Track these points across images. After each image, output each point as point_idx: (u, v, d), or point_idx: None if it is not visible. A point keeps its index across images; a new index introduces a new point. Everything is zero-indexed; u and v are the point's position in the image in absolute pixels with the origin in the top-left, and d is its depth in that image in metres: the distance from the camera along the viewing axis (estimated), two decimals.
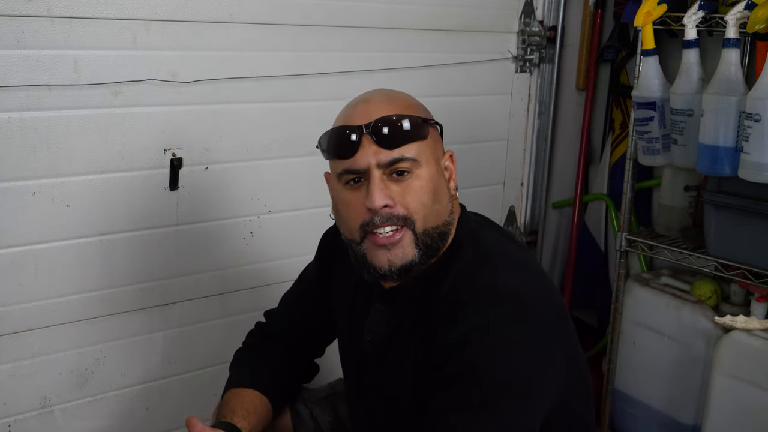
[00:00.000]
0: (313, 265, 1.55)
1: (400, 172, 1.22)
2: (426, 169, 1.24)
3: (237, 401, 1.43)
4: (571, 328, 1.29)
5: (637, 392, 2.25)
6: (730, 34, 1.82)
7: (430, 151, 1.25)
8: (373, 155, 1.22)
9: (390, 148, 1.21)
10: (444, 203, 1.26)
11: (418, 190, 1.22)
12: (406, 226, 1.22)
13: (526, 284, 1.22)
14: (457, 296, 1.20)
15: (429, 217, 1.24)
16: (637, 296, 2.22)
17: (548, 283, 1.30)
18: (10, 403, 1.77)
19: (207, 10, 1.85)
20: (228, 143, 1.96)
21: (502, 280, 1.20)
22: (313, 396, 1.62)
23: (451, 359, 1.17)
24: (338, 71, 2.09)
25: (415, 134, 1.23)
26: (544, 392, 1.20)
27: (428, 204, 1.23)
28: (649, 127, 2.08)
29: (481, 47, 2.40)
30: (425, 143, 1.24)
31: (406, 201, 1.22)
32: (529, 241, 2.69)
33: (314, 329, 1.54)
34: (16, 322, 1.74)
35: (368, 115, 1.23)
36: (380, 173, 1.22)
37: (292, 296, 1.59)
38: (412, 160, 1.22)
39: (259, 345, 1.57)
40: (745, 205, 1.90)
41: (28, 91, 1.65)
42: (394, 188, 1.22)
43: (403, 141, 1.22)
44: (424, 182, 1.23)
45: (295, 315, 1.56)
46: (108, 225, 1.82)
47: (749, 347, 1.90)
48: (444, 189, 1.27)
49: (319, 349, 1.60)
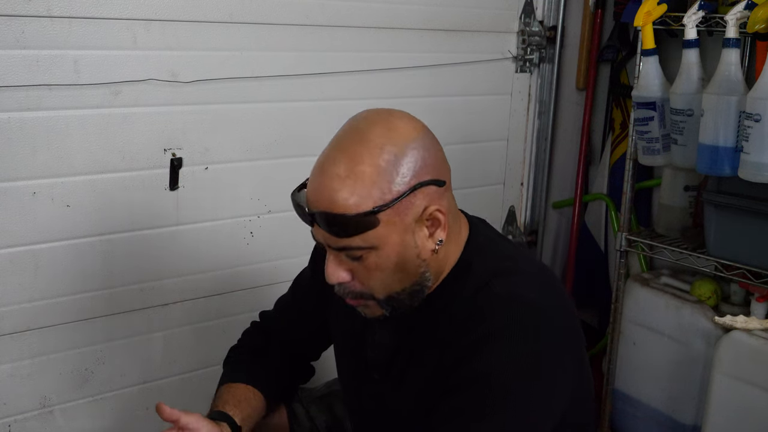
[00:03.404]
0: (307, 274, 1.54)
1: (353, 256, 1.18)
2: (383, 249, 1.16)
3: (229, 393, 1.43)
4: (582, 339, 1.27)
5: (637, 392, 2.25)
6: (730, 34, 1.82)
7: (387, 231, 1.15)
8: (324, 237, 1.18)
9: (338, 237, 1.16)
10: (411, 269, 1.19)
11: (374, 268, 1.17)
12: (365, 298, 1.22)
13: (542, 294, 1.21)
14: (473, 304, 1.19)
15: (390, 286, 1.20)
16: (637, 296, 2.22)
17: (563, 294, 1.28)
18: (10, 403, 1.77)
19: (207, 10, 1.85)
20: (228, 143, 1.96)
21: (519, 289, 1.19)
22: (309, 395, 1.62)
23: (462, 365, 1.16)
24: (338, 71, 2.09)
25: (361, 228, 1.14)
26: (555, 401, 1.19)
27: (388, 277, 1.19)
28: (649, 127, 2.08)
29: (481, 47, 2.40)
30: (378, 230, 1.15)
31: (362, 278, 1.19)
32: (529, 241, 2.69)
33: (310, 332, 1.53)
34: (16, 322, 1.74)
35: (315, 198, 1.16)
36: (335, 251, 1.19)
37: (287, 300, 1.58)
38: (362, 248, 1.16)
39: (254, 343, 1.56)
40: (745, 205, 1.90)
41: (28, 91, 1.65)
42: (350, 264, 1.19)
43: (346, 235, 1.15)
44: (382, 260, 1.17)
45: (290, 317, 1.55)
46: (108, 225, 1.82)
47: (749, 347, 1.90)
48: (412, 257, 1.19)
49: (314, 352, 1.59)
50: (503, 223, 2.63)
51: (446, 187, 1.22)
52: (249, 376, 1.48)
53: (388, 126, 1.18)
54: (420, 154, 1.17)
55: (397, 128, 1.18)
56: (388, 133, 1.16)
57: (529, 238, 2.69)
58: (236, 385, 1.46)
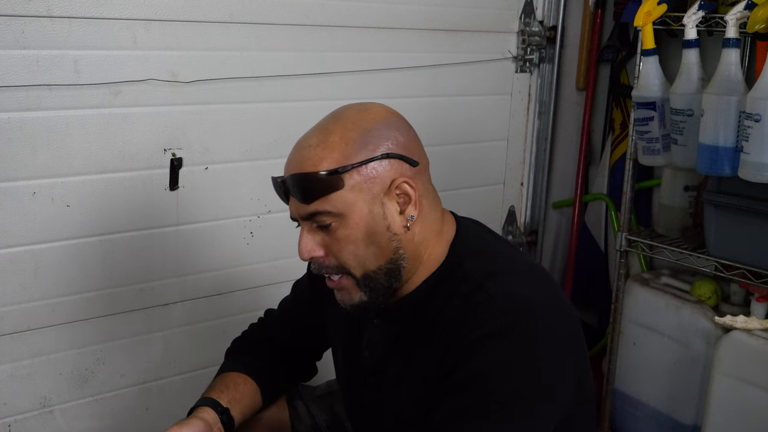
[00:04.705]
0: (305, 279, 1.54)
1: (322, 225, 1.20)
2: (350, 216, 1.18)
3: (218, 380, 1.45)
4: (582, 340, 1.27)
5: (637, 392, 2.25)
6: (730, 34, 1.82)
7: (354, 197, 1.18)
8: (296, 208, 1.21)
9: (305, 203, 1.19)
10: (383, 243, 1.20)
11: (344, 240, 1.19)
12: (343, 273, 1.22)
13: (540, 293, 1.21)
14: (469, 304, 1.18)
15: (365, 263, 1.21)
16: (637, 296, 2.22)
17: (561, 293, 1.28)
18: (10, 403, 1.78)
19: (207, 10, 1.85)
20: (228, 143, 1.96)
21: (515, 288, 1.19)
22: (311, 394, 1.62)
23: (462, 365, 1.15)
24: (338, 71, 2.09)
25: (327, 188, 1.17)
26: (556, 401, 1.18)
27: (359, 251, 1.20)
28: (649, 127, 2.08)
29: (481, 47, 2.40)
30: (344, 192, 1.18)
31: (333, 251, 1.21)
32: (529, 241, 2.69)
33: (309, 334, 1.54)
34: (16, 322, 1.74)
35: (287, 168, 1.22)
36: (308, 224, 1.21)
37: (288, 301, 1.59)
38: (328, 213, 1.18)
39: (255, 336, 1.57)
40: (745, 205, 1.90)
41: (28, 91, 1.65)
42: (323, 237, 1.21)
43: (315, 196, 1.18)
44: (350, 230, 1.19)
45: (290, 317, 1.56)
46: (108, 225, 1.82)
47: (749, 347, 1.90)
48: (382, 230, 1.20)
49: (315, 352, 1.59)
50: (503, 224, 2.63)
51: (420, 170, 1.24)
52: (242, 365, 1.48)
53: (363, 108, 1.24)
54: (391, 133, 1.21)
55: (370, 110, 1.24)
56: (362, 113, 1.23)
57: (529, 238, 2.69)
58: (227, 373, 1.47)
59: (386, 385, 1.31)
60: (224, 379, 1.46)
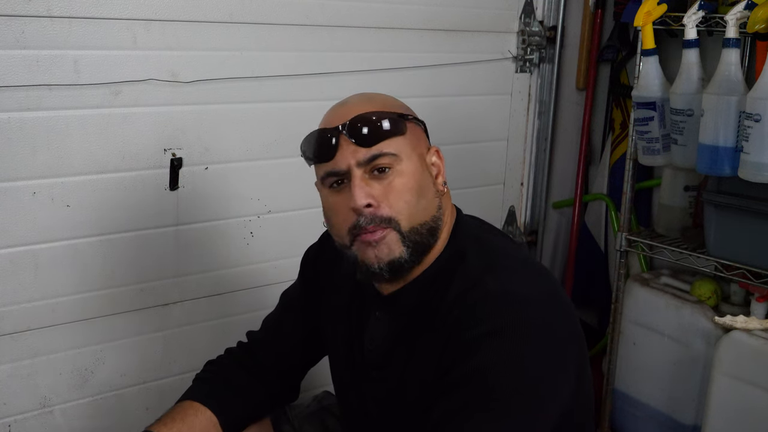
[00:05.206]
0: (296, 285, 1.53)
1: (381, 168, 1.21)
2: (407, 164, 1.22)
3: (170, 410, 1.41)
4: (582, 338, 1.27)
5: (637, 392, 2.25)
6: (730, 34, 1.82)
7: (410, 147, 1.24)
8: (352, 154, 1.21)
9: (368, 146, 1.20)
10: (430, 198, 1.25)
11: (401, 188, 1.21)
12: (390, 226, 1.21)
13: (538, 290, 1.21)
14: (467, 302, 1.18)
15: (415, 215, 1.22)
16: (637, 296, 2.22)
17: (559, 289, 1.28)
18: (10, 403, 1.77)
19: (207, 10, 1.85)
20: (228, 143, 1.96)
21: (514, 285, 1.19)
22: (300, 413, 1.59)
23: (461, 362, 1.16)
24: (338, 71, 2.09)
25: (393, 130, 1.22)
26: (556, 399, 1.18)
27: (412, 201, 1.22)
28: (649, 127, 2.08)
29: (481, 47, 2.40)
30: (404, 139, 1.23)
31: (389, 200, 1.21)
32: (529, 241, 2.69)
33: (297, 347, 1.51)
34: (16, 322, 1.74)
35: (345, 116, 1.23)
36: (361, 172, 1.21)
37: (274, 317, 1.56)
38: (392, 155, 1.21)
39: (230, 361, 1.53)
40: (745, 205, 1.90)
41: (28, 91, 1.65)
42: (376, 187, 1.21)
43: (380, 137, 1.20)
44: (406, 179, 1.21)
45: (278, 336, 1.52)
46: (108, 225, 1.82)
47: (749, 347, 1.90)
48: (429, 185, 1.25)
49: (300, 370, 1.55)
50: (503, 223, 2.63)
51: None
52: (202, 394, 1.44)
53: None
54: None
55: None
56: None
57: (529, 238, 2.69)
58: (181, 403, 1.43)
59: (390, 378, 1.30)
60: (175, 409, 1.42)
